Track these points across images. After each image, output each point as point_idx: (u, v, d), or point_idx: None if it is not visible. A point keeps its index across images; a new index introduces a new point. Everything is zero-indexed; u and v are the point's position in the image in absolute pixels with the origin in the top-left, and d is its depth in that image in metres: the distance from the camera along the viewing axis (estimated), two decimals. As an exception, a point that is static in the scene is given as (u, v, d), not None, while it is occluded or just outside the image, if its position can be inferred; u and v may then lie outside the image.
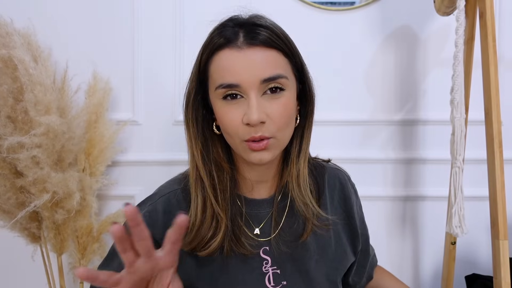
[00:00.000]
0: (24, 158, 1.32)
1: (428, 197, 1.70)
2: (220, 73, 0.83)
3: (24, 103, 1.34)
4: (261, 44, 0.82)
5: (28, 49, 1.41)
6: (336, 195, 1.02)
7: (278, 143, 0.86)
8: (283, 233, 0.94)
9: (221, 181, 0.90)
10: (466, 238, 1.51)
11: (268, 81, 0.81)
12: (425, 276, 1.75)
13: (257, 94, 0.81)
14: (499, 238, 1.20)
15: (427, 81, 1.69)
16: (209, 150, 0.91)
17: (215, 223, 0.88)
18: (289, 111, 0.85)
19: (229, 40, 0.82)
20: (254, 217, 0.95)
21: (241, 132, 0.82)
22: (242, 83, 0.81)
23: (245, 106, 0.81)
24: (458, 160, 1.27)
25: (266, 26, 0.84)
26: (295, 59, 0.88)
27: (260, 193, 0.97)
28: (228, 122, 0.83)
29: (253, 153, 0.83)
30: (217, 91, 0.83)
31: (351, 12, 1.67)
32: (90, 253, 1.55)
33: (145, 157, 1.68)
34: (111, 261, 0.94)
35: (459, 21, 1.25)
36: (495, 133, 1.23)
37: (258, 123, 0.80)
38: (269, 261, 0.92)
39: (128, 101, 1.67)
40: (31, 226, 1.45)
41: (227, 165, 0.92)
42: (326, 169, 1.04)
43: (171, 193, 0.95)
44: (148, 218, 0.91)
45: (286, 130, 0.86)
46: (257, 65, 0.81)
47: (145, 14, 1.65)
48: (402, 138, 1.70)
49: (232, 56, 0.81)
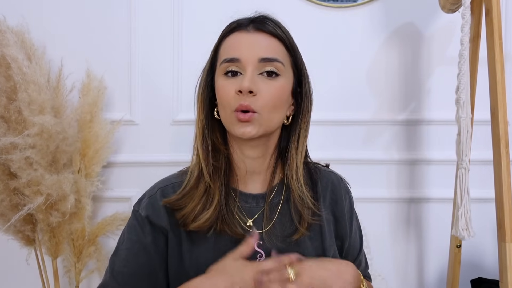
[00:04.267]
0: (18, 159, 1.32)
1: (433, 199, 1.70)
2: (227, 49, 0.94)
3: (18, 103, 1.33)
4: (267, 32, 0.93)
5: (21, 47, 1.40)
6: (328, 195, 1.06)
7: (262, 121, 0.91)
8: (275, 229, 0.98)
9: (216, 160, 0.97)
10: (471, 241, 1.48)
11: (265, 61, 0.91)
12: (430, 280, 1.74)
13: (254, 70, 0.90)
14: (506, 241, 1.20)
15: (431, 80, 1.68)
16: (209, 130, 0.98)
17: (206, 196, 0.94)
18: (280, 95, 0.92)
19: (240, 26, 0.94)
20: (247, 210, 0.98)
21: (232, 101, 0.90)
22: (243, 58, 0.90)
23: (242, 80, 0.90)
24: (464, 161, 1.26)
25: (274, 21, 0.96)
26: (295, 55, 0.97)
27: (255, 187, 1.01)
28: (224, 93, 0.92)
29: (238, 124, 0.90)
30: (221, 66, 0.93)
31: (354, 9, 1.66)
32: (85, 257, 1.54)
33: (142, 158, 1.67)
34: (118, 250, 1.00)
35: (464, 18, 1.24)
36: (501, 133, 1.23)
37: (247, 91, 0.88)
38: (263, 256, 0.95)
39: (125, 100, 1.66)
40: (26, 229, 1.44)
41: (223, 147, 0.99)
42: (321, 170, 1.09)
43: (169, 185, 1.00)
44: (151, 209, 0.96)
45: (272, 112, 0.92)
46: (259, 45, 0.92)
47: (142, 12, 1.64)
48: (406, 139, 1.69)
49: (240, 36, 0.93)
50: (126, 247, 0.96)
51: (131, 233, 0.97)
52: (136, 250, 0.95)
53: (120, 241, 1.00)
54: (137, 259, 0.95)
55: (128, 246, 0.96)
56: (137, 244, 0.95)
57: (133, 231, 0.97)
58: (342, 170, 1.14)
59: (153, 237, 0.95)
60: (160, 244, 0.95)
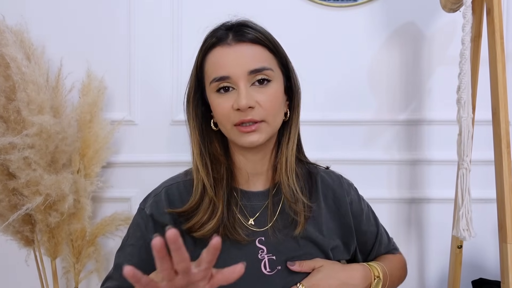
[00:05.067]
0: (16, 159, 1.32)
1: (434, 199, 1.70)
2: (213, 68, 0.95)
3: (17, 103, 1.34)
4: (248, 41, 0.94)
5: (20, 46, 1.40)
6: (329, 194, 1.08)
7: (269, 127, 0.95)
8: (277, 224, 1.01)
9: (217, 172, 1.00)
10: (473, 241, 1.47)
11: (255, 72, 0.92)
12: (431, 281, 1.74)
13: (246, 84, 0.92)
14: (507, 241, 1.19)
15: (432, 79, 1.68)
16: (205, 144, 1.01)
17: (211, 208, 0.97)
18: (276, 99, 0.96)
19: (220, 39, 0.95)
20: (249, 208, 1.02)
21: (231, 117, 0.93)
22: (232, 75, 0.92)
23: (236, 95, 0.92)
24: (465, 161, 1.26)
25: (252, 27, 0.97)
26: (279, 55, 0.99)
27: (256, 186, 1.05)
28: (220, 110, 0.94)
29: (244, 135, 0.94)
30: (211, 85, 0.94)
31: (354, 8, 1.66)
32: (85, 257, 1.54)
33: (141, 158, 1.67)
34: (123, 250, 1.05)
35: (466, 17, 1.24)
36: (503, 133, 1.22)
37: (246, 108, 0.90)
38: (265, 250, 0.99)
39: (124, 100, 1.66)
40: (24, 230, 1.44)
41: (223, 158, 1.02)
42: (320, 170, 1.12)
43: (173, 185, 1.04)
44: (155, 208, 1.01)
45: (275, 116, 0.96)
46: (245, 58, 0.93)
47: (142, 12, 1.64)
48: (407, 139, 1.70)
49: (223, 52, 0.94)
50: (131, 243, 1.02)
51: (136, 230, 1.03)
52: (140, 246, 1.00)
53: (125, 237, 1.06)
54: (140, 255, 1.00)
55: (133, 242, 1.02)
56: (141, 241, 1.00)
57: (137, 228, 1.02)
58: (342, 170, 1.15)
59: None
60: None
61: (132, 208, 1.66)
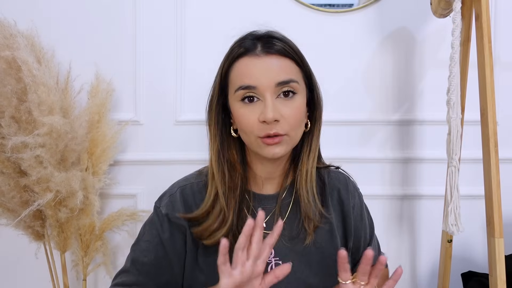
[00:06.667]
0: (28, 157, 1.34)
1: (425, 196, 1.72)
2: (240, 76, 0.93)
3: (28, 104, 1.35)
4: (277, 53, 0.93)
5: (31, 50, 1.42)
6: (335, 195, 1.09)
7: (291, 140, 0.95)
8: (286, 227, 1.00)
9: (232, 180, 0.99)
10: (462, 236, 1.52)
11: (282, 84, 0.91)
12: (422, 274, 1.77)
13: (272, 96, 0.91)
14: (495, 236, 1.22)
15: (423, 82, 1.70)
16: (224, 151, 1.00)
17: (221, 217, 0.96)
18: (300, 112, 0.95)
19: (248, 50, 0.94)
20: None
21: (256, 129, 0.92)
22: (259, 86, 0.91)
23: (261, 107, 0.91)
24: (454, 159, 1.29)
25: (281, 39, 0.96)
26: (305, 68, 0.99)
27: (268, 189, 1.05)
28: (246, 121, 0.93)
29: (267, 147, 0.93)
30: (236, 93, 0.93)
31: (349, 14, 1.68)
32: (92, 251, 1.57)
33: (146, 156, 1.69)
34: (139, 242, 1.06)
35: (455, 23, 1.26)
36: (490, 133, 1.24)
37: (272, 121, 0.89)
38: (272, 253, 0.99)
39: (130, 102, 1.68)
40: (35, 225, 1.47)
41: (239, 166, 1.01)
42: (330, 172, 1.12)
43: (187, 185, 1.04)
44: (170, 208, 1.01)
45: (298, 129, 0.96)
46: (273, 70, 0.91)
47: (146, 15, 1.66)
48: (400, 138, 1.72)
49: (251, 62, 0.93)
50: (146, 239, 1.03)
51: (152, 227, 1.04)
52: (155, 244, 1.02)
53: (141, 232, 1.07)
54: (155, 252, 1.01)
55: (148, 239, 1.03)
56: (156, 238, 1.02)
57: (153, 226, 1.03)
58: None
59: (170, 234, 1.01)
60: (177, 241, 1.01)
61: (138, 204, 1.69)
